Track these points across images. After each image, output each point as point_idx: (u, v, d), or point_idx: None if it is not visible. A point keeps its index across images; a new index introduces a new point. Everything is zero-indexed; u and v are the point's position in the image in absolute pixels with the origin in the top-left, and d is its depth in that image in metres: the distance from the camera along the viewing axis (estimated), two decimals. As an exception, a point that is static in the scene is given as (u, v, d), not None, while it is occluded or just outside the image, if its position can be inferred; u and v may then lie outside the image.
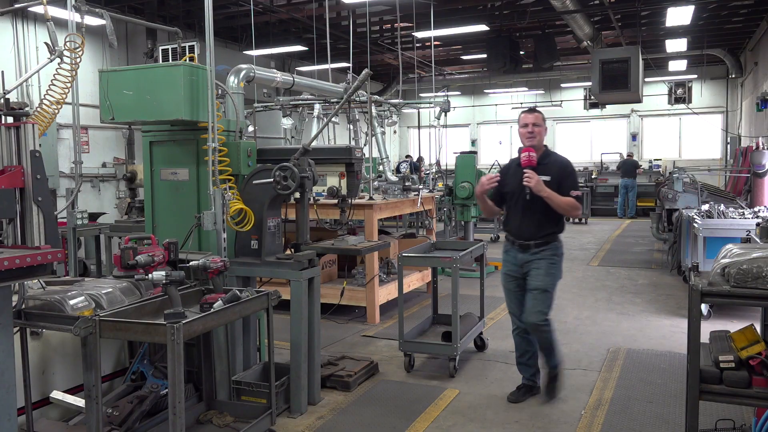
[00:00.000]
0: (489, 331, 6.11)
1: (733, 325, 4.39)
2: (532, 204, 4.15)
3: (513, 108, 20.81)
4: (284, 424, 4.06)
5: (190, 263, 3.87)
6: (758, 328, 3.51)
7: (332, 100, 8.95)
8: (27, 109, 3.46)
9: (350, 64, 10.97)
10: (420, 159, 13.50)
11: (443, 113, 10.88)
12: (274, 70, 6.30)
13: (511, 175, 4.32)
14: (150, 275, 3.44)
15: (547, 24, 13.77)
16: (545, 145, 4.35)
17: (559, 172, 4.23)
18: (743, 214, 7.27)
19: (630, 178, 17.45)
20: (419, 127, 13.12)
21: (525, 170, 4.08)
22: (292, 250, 4.43)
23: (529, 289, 4.26)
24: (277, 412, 3.89)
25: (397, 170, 11.27)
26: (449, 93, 15.89)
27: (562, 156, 4.42)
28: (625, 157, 18.03)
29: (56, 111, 4.14)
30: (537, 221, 4.23)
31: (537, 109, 4.41)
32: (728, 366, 3.06)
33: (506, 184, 4.32)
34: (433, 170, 12.36)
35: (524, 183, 4.05)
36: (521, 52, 15.21)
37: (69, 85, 4.15)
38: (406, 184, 7.82)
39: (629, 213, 17.55)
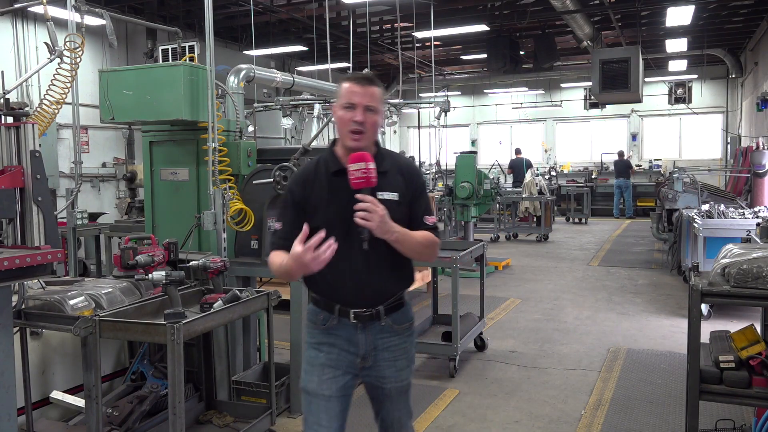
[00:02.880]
0: (489, 331, 6.11)
1: (733, 325, 4.39)
2: (372, 246, 2.27)
3: (513, 108, 20.84)
4: (284, 424, 4.06)
5: (190, 263, 3.87)
6: (758, 328, 3.51)
7: (332, 100, 8.94)
8: (27, 109, 3.46)
9: (350, 64, 10.98)
10: (411, 159, 13.49)
11: (443, 113, 10.90)
12: (274, 70, 6.30)
13: (323, 193, 2.35)
14: (150, 275, 3.44)
15: (547, 24, 13.77)
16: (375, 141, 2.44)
17: (408, 186, 2.42)
18: (743, 214, 7.27)
19: (623, 178, 17.45)
20: (419, 127, 13.13)
21: (359, 195, 2.20)
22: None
23: (387, 392, 2.45)
24: (277, 412, 3.89)
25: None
26: (449, 93, 15.92)
27: (401, 155, 2.76)
28: (618, 158, 18.01)
29: (56, 111, 4.15)
30: (383, 271, 2.38)
31: (373, 77, 2.43)
32: (728, 366, 3.06)
33: (314, 210, 2.35)
34: (433, 170, 12.37)
35: (359, 221, 2.17)
36: (521, 52, 15.21)
37: (69, 85, 4.16)
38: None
39: (627, 213, 17.55)
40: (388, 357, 2.41)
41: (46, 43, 4.25)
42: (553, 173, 17.79)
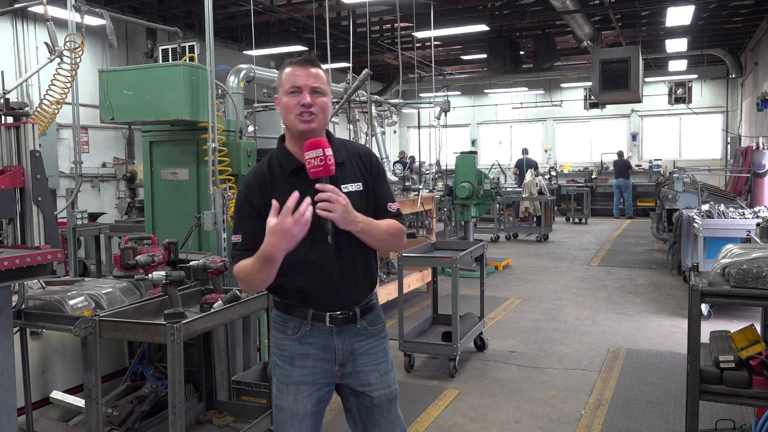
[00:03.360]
0: (489, 331, 6.11)
1: (733, 325, 4.39)
2: (339, 242, 2.13)
3: (513, 108, 20.83)
4: (284, 424, 4.06)
5: (190, 263, 3.87)
6: (758, 328, 3.51)
7: (332, 100, 8.94)
8: (27, 109, 3.46)
9: (350, 64, 10.95)
10: (411, 158, 13.49)
11: (443, 113, 10.88)
12: (274, 70, 6.30)
13: (284, 195, 1.99)
14: (150, 275, 3.43)
15: (547, 24, 13.77)
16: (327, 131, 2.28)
17: (368, 172, 2.28)
18: (743, 214, 7.27)
19: (623, 178, 17.46)
20: (419, 127, 13.10)
21: (319, 185, 2.02)
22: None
23: (377, 402, 2.29)
24: (277, 412, 3.89)
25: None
26: (449, 93, 15.89)
27: (354, 142, 2.34)
28: (617, 158, 18.01)
29: (56, 111, 4.15)
30: (356, 270, 2.23)
31: (314, 59, 2.24)
32: (728, 366, 3.06)
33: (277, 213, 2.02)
34: (433, 170, 12.37)
35: (321, 212, 1.99)
36: (521, 52, 15.21)
37: (69, 85, 4.16)
38: (406, 184, 7.82)
39: (627, 213, 17.55)
40: (368, 361, 2.26)
41: (46, 43, 4.25)
42: (553, 173, 17.80)
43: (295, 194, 1.94)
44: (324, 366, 2.22)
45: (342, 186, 2.13)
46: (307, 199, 1.95)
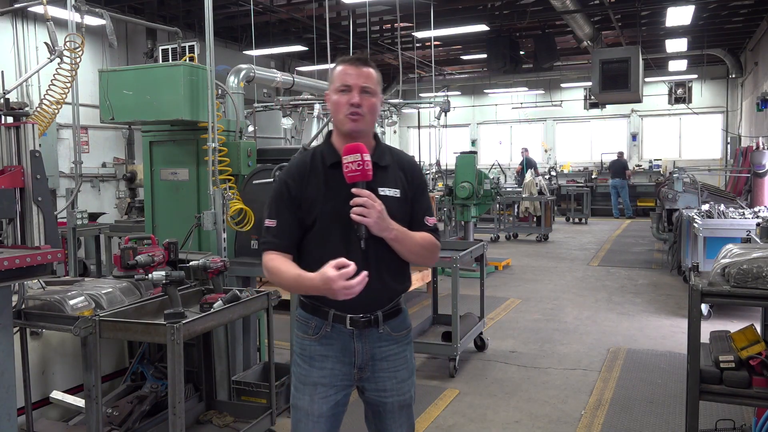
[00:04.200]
0: (489, 331, 6.11)
1: (733, 325, 4.39)
2: (369, 247, 2.12)
3: (513, 108, 20.83)
4: (284, 424, 4.06)
5: (190, 263, 3.87)
6: (758, 328, 3.51)
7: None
8: (27, 109, 3.46)
9: (350, 64, 10.96)
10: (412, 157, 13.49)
11: (443, 113, 10.89)
12: (274, 70, 6.30)
13: (320, 187, 2.17)
14: (150, 275, 3.43)
15: (547, 24, 13.77)
16: (374, 132, 2.30)
17: (409, 183, 2.26)
18: (743, 214, 7.27)
19: (619, 179, 17.46)
20: (419, 127, 13.13)
21: (355, 189, 2.05)
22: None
23: (390, 407, 2.28)
24: (277, 412, 3.89)
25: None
26: (449, 93, 15.91)
27: (402, 151, 2.42)
28: (617, 158, 18.00)
29: (56, 111, 4.15)
30: (383, 273, 2.19)
31: (368, 58, 2.22)
32: (728, 366, 3.05)
33: (310, 206, 2.17)
34: (433, 170, 12.37)
35: (355, 217, 2.02)
36: (521, 52, 15.21)
37: (69, 85, 4.16)
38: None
39: (627, 213, 17.55)
40: (387, 367, 2.23)
41: (46, 43, 4.24)
42: (553, 173, 17.80)
43: (352, 265, 1.94)
44: (343, 369, 2.21)
45: (379, 189, 2.13)
46: (363, 273, 1.95)
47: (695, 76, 17.65)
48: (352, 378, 2.23)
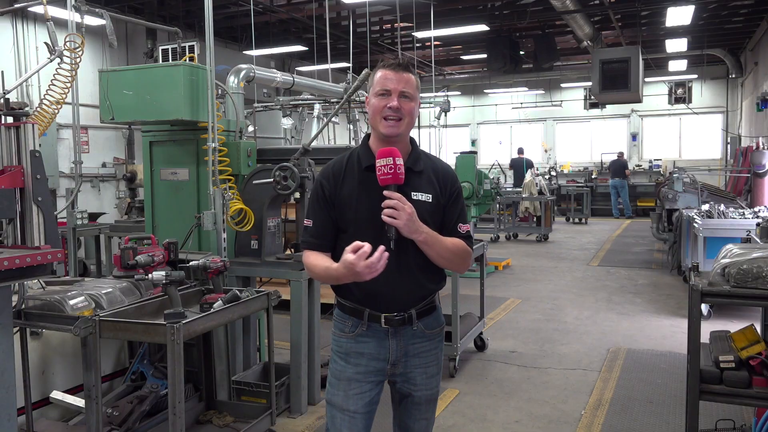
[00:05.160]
0: (489, 331, 6.11)
1: (733, 325, 4.39)
2: (400, 248, 2.16)
3: (513, 108, 20.83)
4: (284, 424, 4.06)
5: (190, 263, 3.87)
6: (758, 328, 3.51)
7: (332, 100, 8.94)
8: (27, 109, 3.46)
9: (350, 64, 10.96)
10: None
11: (443, 113, 10.89)
12: (274, 70, 6.29)
13: (354, 188, 2.24)
14: (150, 275, 3.44)
15: (547, 24, 13.78)
16: (411, 137, 2.34)
17: (442, 189, 2.28)
18: (743, 214, 7.28)
19: (618, 179, 17.46)
20: (419, 127, 13.11)
21: (387, 192, 2.10)
22: (293, 250, 4.43)
23: (417, 400, 2.35)
24: (277, 412, 3.89)
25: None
26: (449, 93, 15.90)
27: (437, 158, 2.44)
28: (617, 158, 17.99)
29: (56, 111, 4.15)
30: (415, 272, 2.25)
31: (408, 64, 2.31)
32: (728, 366, 3.05)
33: (344, 206, 2.23)
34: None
35: (386, 219, 2.07)
36: (521, 52, 15.22)
37: (69, 85, 4.16)
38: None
39: (627, 213, 17.55)
40: (418, 363, 2.30)
41: (46, 43, 4.25)
42: (553, 173, 17.80)
43: (367, 246, 2.00)
44: (377, 365, 2.28)
45: (412, 194, 2.18)
46: (381, 248, 2.01)
47: (695, 76, 17.65)
48: (384, 373, 2.31)
